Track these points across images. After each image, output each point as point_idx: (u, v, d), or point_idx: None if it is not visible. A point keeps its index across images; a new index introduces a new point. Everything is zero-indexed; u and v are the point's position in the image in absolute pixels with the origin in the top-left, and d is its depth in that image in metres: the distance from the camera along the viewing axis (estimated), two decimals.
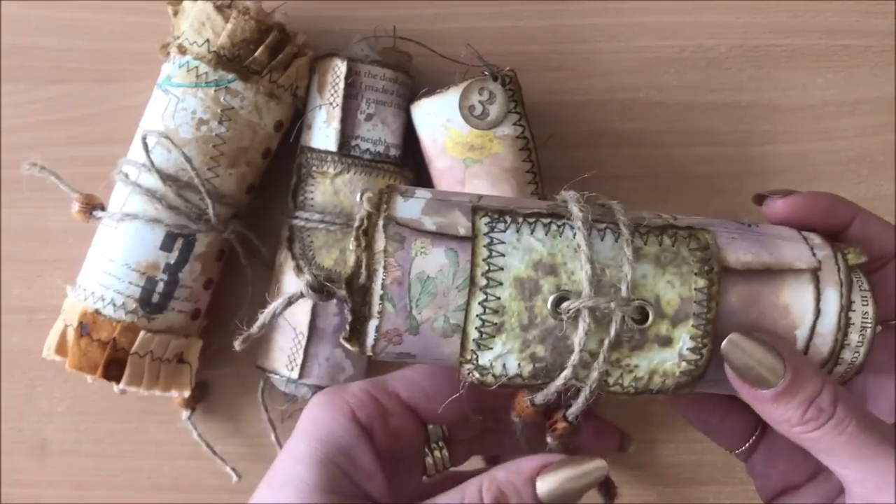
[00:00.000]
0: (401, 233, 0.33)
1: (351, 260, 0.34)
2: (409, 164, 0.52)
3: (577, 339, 0.33)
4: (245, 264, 0.52)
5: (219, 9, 0.48)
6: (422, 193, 0.35)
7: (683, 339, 0.33)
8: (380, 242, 0.33)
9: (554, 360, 0.33)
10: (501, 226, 0.33)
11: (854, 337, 0.35)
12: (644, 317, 0.33)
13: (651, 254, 0.34)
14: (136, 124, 0.50)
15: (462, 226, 0.33)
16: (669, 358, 0.34)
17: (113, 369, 0.48)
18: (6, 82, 0.55)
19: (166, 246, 0.48)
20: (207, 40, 0.47)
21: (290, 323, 0.50)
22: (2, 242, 0.55)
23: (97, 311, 0.48)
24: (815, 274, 0.35)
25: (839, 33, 0.55)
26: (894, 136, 0.55)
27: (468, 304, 0.33)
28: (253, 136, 0.49)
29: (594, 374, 0.33)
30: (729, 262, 0.34)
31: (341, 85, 0.49)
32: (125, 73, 0.55)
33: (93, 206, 0.49)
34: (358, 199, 0.49)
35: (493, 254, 0.33)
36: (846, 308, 0.35)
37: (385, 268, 0.33)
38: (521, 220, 0.34)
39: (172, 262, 0.48)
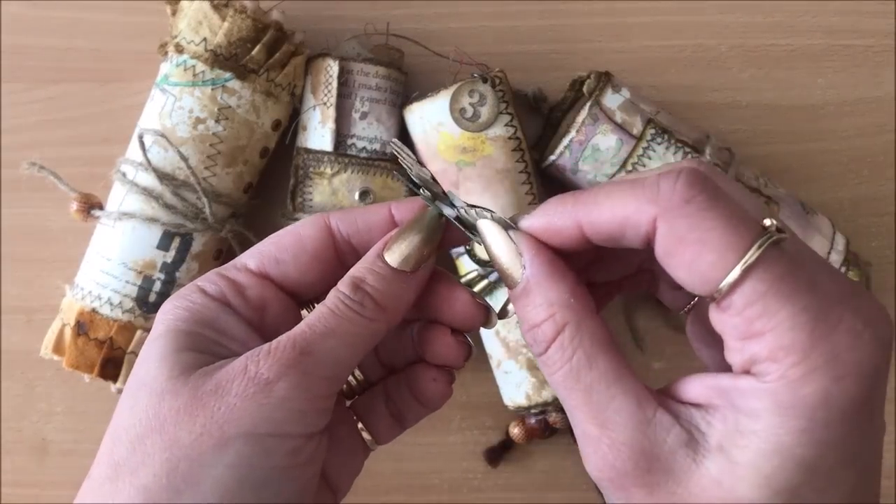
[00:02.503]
0: (597, 115, 0.49)
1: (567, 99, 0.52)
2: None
3: None
4: None
5: (216, 8, 0.48)
6: (625, 93, 0.49)
7: None
8: (582, 114, 0.49)
9: None
10: (659, 139, 0.49)
11: None
12: None
13: None
14: (135, 124, 0.50)
15: (636, 128, 0.49)
16: None
17: (109, 368, 0.48)
18: (6, 82, 0.55)
19: (163, 245, 0.48)
20: (204, 39, 0.47)
21: None
22: (2, 242, 0.56)
23: (94, 311, 0.48)
24: None
25: (839, 33, 0.55)
26: (894, 136, 0.55)
27: (613, 175, 0.49)
28: (250, 134, 0.49)
29: None
30: None
31: (334, 84, 0.49)
32: (125, 73, 0.55)
33: (91, 206, 0.49)
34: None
35: (644, 156, 0.49)
36: None
37: (577, 131, 0.49)
38: (672, 141, 0.49)
39: (169, 261, 0.48)
